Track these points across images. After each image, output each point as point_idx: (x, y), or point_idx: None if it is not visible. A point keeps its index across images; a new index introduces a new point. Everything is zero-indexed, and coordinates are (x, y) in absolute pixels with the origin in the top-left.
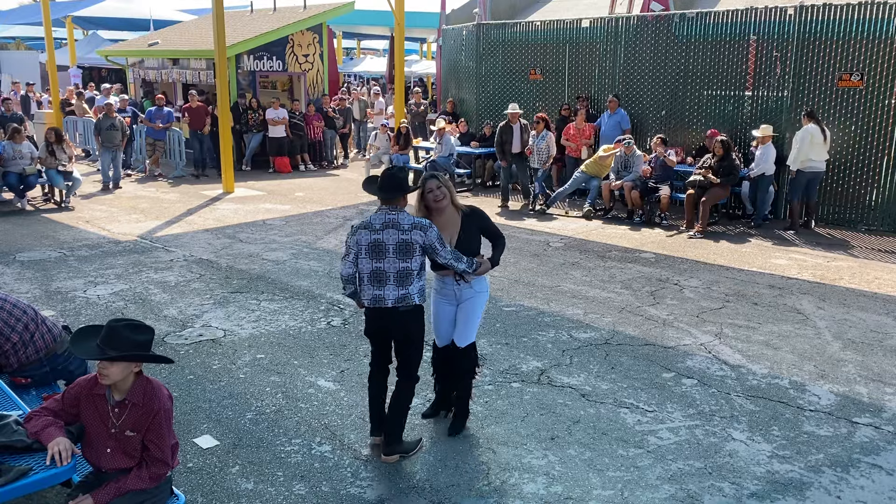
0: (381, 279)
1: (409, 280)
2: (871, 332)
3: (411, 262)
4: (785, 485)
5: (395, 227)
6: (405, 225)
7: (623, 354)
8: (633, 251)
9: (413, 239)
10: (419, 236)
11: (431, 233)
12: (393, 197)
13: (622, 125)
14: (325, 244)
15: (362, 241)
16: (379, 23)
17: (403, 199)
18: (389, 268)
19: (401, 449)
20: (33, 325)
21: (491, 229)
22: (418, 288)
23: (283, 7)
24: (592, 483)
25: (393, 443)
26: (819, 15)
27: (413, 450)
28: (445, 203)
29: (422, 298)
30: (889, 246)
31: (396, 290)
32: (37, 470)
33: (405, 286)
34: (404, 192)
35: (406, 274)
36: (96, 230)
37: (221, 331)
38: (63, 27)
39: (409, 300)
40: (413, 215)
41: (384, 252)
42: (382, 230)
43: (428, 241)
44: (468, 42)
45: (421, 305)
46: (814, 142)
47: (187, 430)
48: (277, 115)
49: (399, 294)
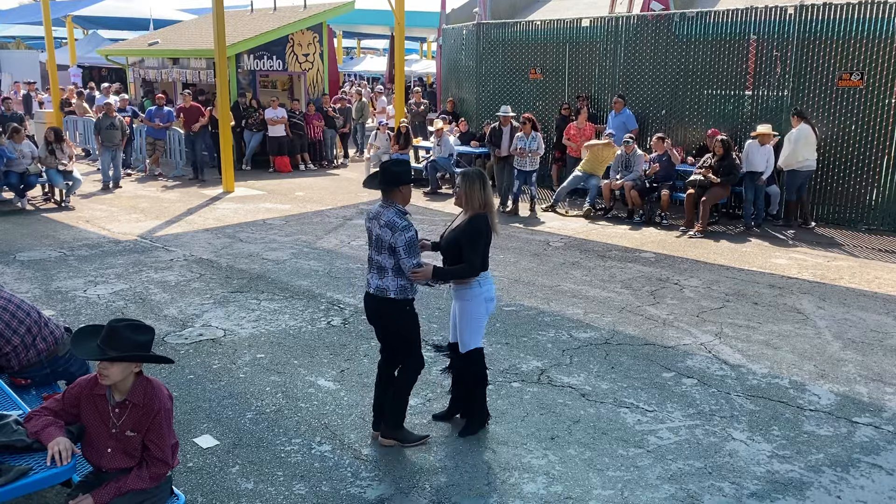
0: (370, 265)
1: (384, 274)
2: (872, 332)
3: (383, 258)
4: (785, 485)
5: (377, 219)
6: (382, 220)
7: (623, 354)
8: (633, 251)
9: (383, 235)
10: (387, 234)
11: (400, 236)
12: (386, 189)
13: (628, 125)
14: (325, 244)
15: (366, 226)
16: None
17: (401, 193)
18: (374, 256)
19: (397, 436)
20: (36, 328)
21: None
22: (396, 285)
23: (283, 6)
24: (592, 483)
25: (389, 426)
26: (819, 14)
27: (411, 441)
28: (457, 201)
29: (399, 294)
30: (889, 246)
31: (377, 279)
32: (37, 470)
33: (382, 278)
34: (398, 185)
35: (381, 267)
36: (96, 230)
37: (221, 330)
38: (63, 26)
39: (385, 292)
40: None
41: (371, 241)
42: (371, 220)
43: (393, 241)
44: (468, 42)
45: (399, 300)
46: (808, 141)
47: (187, 430)
48: (276, 115)
49: (376, 284)
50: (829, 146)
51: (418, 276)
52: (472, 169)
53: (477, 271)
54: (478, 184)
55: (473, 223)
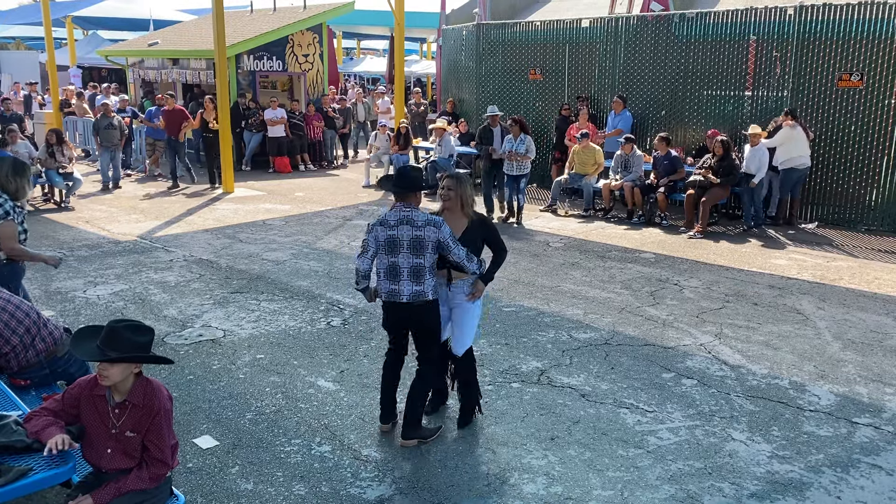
0: (396, 274)
1: (423, 275)
2: (871, 333)
3: (424, 259)
4: (785, 485)
5: (409, 223)
6: (419, 221)
7: (623, 355)
8: (633, 251)
9: (426, 235)
10: (432, 232)
11: (445, 230)
12: (407, 193)
13: (622, 126)
14: (324, 244)
15: (379, 237)
16: (379, 23)
17: (417, 196)
18: (404, 263)
19: (419, 434)
20: (35, 329)
21: (495, 240)
22: (432, 284)
23: (283, 7)
24: (592, 483)
25: (411, 427)
26: (819, 15)
27: (430, 436)
28: (450, 203)
29: (435, 293)
30: (889, 246)
31: (411, 285)
32: (37, 470)
33: (419, 282)
34: (417, 190)
35: (419, 269)
36: (96, 230)
37: (221, 331)
38: (63, 27)
39: (424, 296)
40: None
41: (399, 248)
42: (397, 226)
43: (442, 237)
44: (468, 42)
45: (435, 300)
46: (798, 140)
47: (187, 431)
48: (276, 115)
49: (414, 290)
50: (828, 146)
51: (477, 295)
52: (458, 171)
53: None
54: (467, 185)
55: (484, 222)
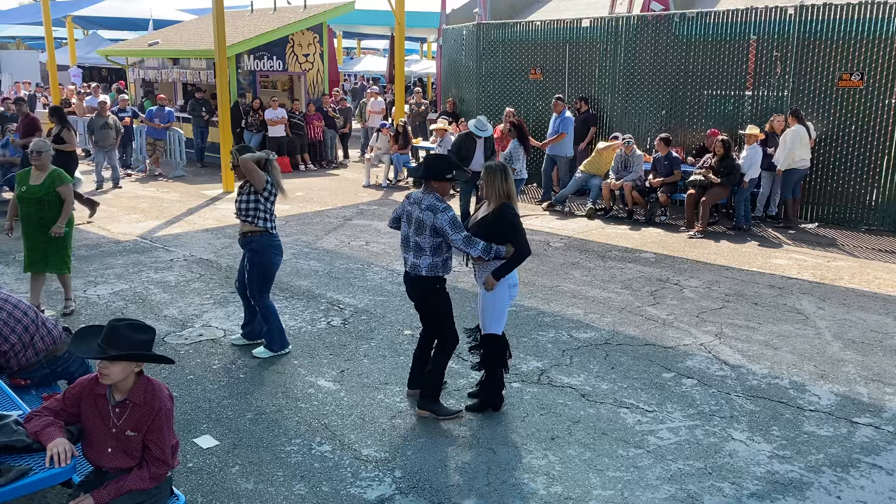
0: (406, 245)
1: (421, 253)
2: (872, 332)
3: (422, 239)
4: (785, 485)
5: (417, 204)
6: (423, 205)
7: (623, 354)
8: (633, 251)
9: (424, 218)
10: (429, 217)
11: (441, 217)
12: (425, 178)
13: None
14: (325, 244)
15: (399, 209)
16: (379, 23)
17: (440, 184)
18: (410, 237)
19: (432, 408)
20: (33, 327)
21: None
22: (428, 263)
23: (284, 7)
24: (592, 483)
25: (424, 398)
26: (819, 15)
27: (446, 414)
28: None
29: (430, 271)
30: (889, 246)
31: (412, 257)
32: (37, 470)
33: (418, 256)
34: (433, 178)
35: (419, 246)
36: (96, 230)
37: (221, 331)
38: (63, 27)
39: (418, 269)
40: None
41: (409, 223)
42: (412, 204)
43: (438, 223)
44: (468, 42)
45: (430, 277)
46: (802, 141)
47: (187, 430)
48: (276, 115)
49: (412, 262)
50: (828, 146)
51: (488, 286)
52: (496, 163)
53: (528, 253)
54: (499, 175)
55: (504, 214)
